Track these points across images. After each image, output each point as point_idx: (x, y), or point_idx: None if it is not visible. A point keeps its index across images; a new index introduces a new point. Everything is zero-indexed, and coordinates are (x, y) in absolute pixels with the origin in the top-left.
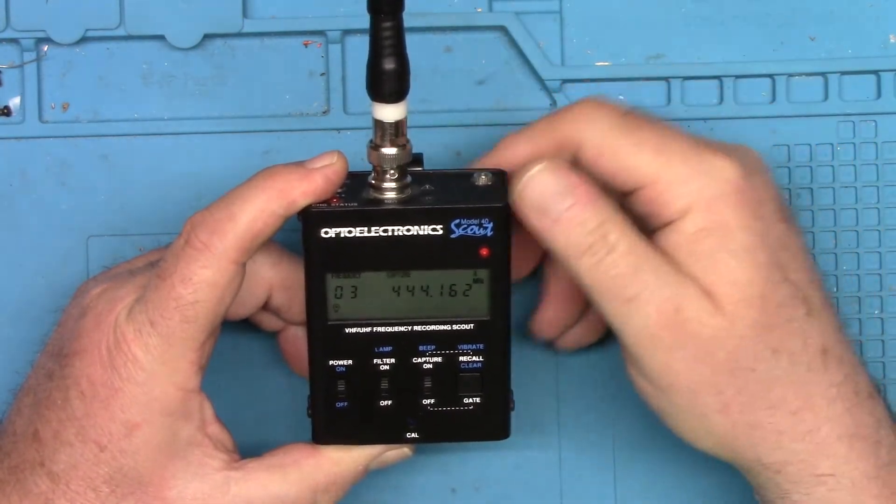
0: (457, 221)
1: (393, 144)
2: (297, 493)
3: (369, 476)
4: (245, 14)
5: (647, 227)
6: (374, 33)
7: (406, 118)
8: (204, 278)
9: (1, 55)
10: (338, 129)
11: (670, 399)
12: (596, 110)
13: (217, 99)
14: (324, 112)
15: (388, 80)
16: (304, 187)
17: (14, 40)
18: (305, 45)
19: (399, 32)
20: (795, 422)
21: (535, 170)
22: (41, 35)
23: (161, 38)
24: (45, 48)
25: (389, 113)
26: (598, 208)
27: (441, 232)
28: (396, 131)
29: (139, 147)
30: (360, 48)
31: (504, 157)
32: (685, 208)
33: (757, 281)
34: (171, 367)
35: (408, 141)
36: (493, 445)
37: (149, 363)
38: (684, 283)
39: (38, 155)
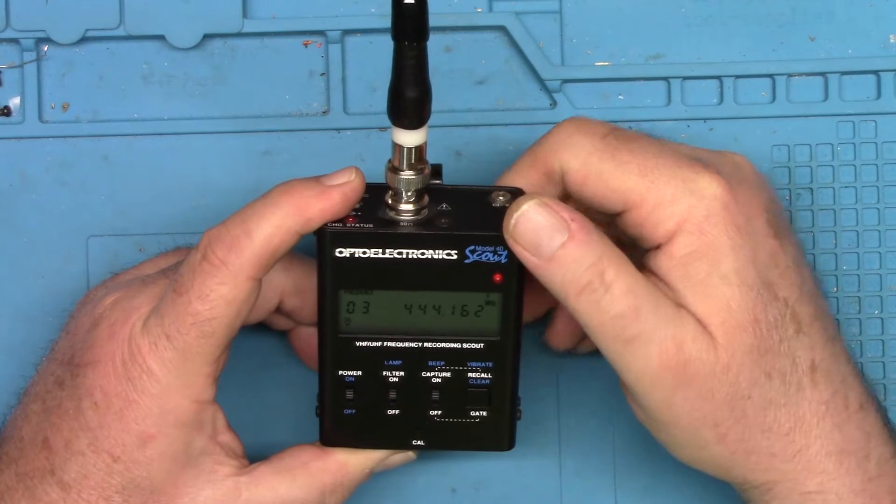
0: (472, 248)
1: (411, 168)
2: (305, 495)
3: (371, 476)
4: (245, 14)
5: (637, 247)
6: (398, 59)
7: (426, 143)
8: (221, 295)
9: (1, 55)
10: (338, 129)
11: (670, 433)
12: (576, 134)
13: (217, 99)
14: (324, 112)
15: (409, 108)
16: (322, 205)
17: (14, 40)
18: (305, 45)
19: (422, 60)
20: (787, 443)
21: (526, 206)
22: (41, 35)
23: (161, 38)
24: (45, 48)
25: (409, 139)
26: (594, 243)
27: (455, 257)
28: (415, 156)
29: (139, 147)
30: (360, 48)
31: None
32: (673, 230)
33: (748, 304)
34: (186, 380)
35: (427, 164)
36: None
37: (164, 376)
38: (683, 318)
39: (38, 155)
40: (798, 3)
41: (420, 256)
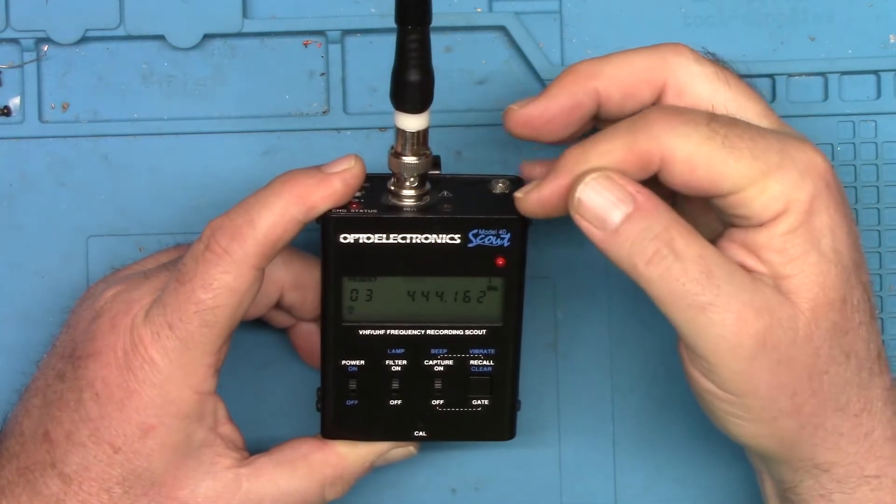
0: (475, 231)
1: (414, 153)
2: (305, 488)
3: (370, 475)
4: (245, 14)
5: (729, 222)
6: (401, 44)
7: (428, 128)
8: (224, 283)
9: (1, 55)
10: (338, 129)
11: (744, 403)
12: (680, 122)
13: (217, 99)
14: (324, 112)
15: (411, 92)
16: (323, 192)
17: (14, 40)
18: (305, 45)
19: (425, 44)
20: (855, 424)
21: (589, 178)
22: (41, 35)
23: (161, 38)
24: (45, 48)
25: (412, 123)
26: (660, 213)
27: (459, 241)
28: (418, 140)
29: (139, 147)
30: (360, 48)
31: (571, 177)
32: (782, 210)
33: (841, 284)
34: (187, 370)
35: (429, 150)
36: (493, 445)
37: (166, 366)
38: (761, 286)
39: (38, 155)
40: (798, 3)
41: (423, 241)
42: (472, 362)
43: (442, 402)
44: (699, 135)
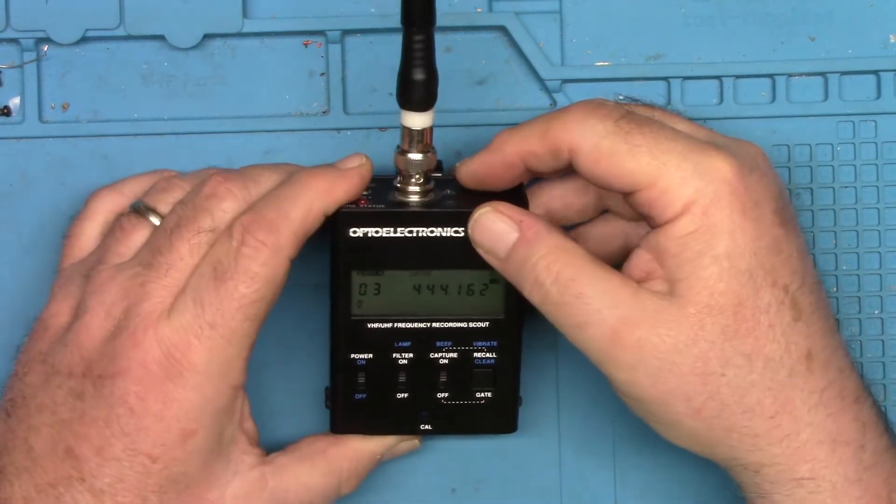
0: None
1: (419, 151)
2: (325, 482)
3: (369, 475)
4: (245, 14)
5: (649, 224)
6: (406, 45)
7: (432, 126)
8: (264, 276)
9: (1, 55)
10: (338, 129)
11: (644, 408)
12: (590, 116)
13: (217, 99)
14: (324, 112)
15: (417, 90)
16: (345, 186)
17: (14, 40)
18: (305, 45)
19: (430, 45)
20: (772, 426)
21: (479, 213)
22: (41, 35)
23: (161, 38)
24: (45, 48)
25: (417, 121)
26: (542, 241)
27: (463, 234)
28: (423, 138)
29: (139, 147)
30: (360, 48)
31: (498, 155)
32: (680, 211)
33: (734, 287)
34: (226, 367)
35: (433, 148)
36: (493, 444)
37: (204, 366)
38: (642, 298)
39: (38, 155)
40: (798, 3)
41: (429, 235)
42: (475, 355)
43: (447, 394)
44: (605, 129)
